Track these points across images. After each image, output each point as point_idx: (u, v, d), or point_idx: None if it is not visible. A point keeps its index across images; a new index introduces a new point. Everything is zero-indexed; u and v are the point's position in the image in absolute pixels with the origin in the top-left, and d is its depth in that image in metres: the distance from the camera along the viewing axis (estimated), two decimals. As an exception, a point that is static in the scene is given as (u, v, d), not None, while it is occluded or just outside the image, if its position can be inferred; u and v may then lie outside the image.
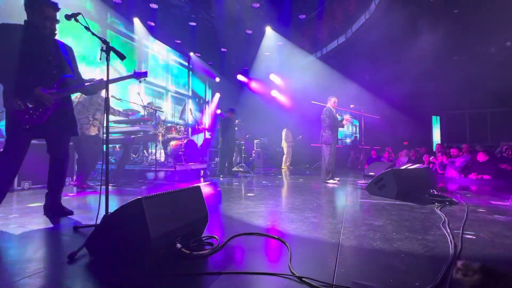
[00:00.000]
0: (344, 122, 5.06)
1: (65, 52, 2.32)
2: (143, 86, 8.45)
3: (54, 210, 2.33)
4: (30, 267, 1.31)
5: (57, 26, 2.23)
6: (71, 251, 1.41)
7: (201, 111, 11.63)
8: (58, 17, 2.21)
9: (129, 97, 6.92)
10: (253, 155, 9.53)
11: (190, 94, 10.85)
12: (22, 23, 2.13)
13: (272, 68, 10.95)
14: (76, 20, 1.92)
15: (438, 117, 11.34)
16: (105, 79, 1.94)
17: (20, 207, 2.69)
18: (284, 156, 9.30)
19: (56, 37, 2.29)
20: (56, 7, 2.16)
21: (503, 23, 6.81)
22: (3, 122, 2.12)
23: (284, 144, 9.36)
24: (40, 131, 2.16)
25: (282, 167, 9.12)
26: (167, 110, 8.85)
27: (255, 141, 9.85)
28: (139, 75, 2.29)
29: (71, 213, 2.36)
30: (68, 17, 1.92)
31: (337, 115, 5.09)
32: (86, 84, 2.35)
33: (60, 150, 2.31)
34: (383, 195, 3.32)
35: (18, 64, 2.00)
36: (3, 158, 2.06)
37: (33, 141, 2.21)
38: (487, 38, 7.74)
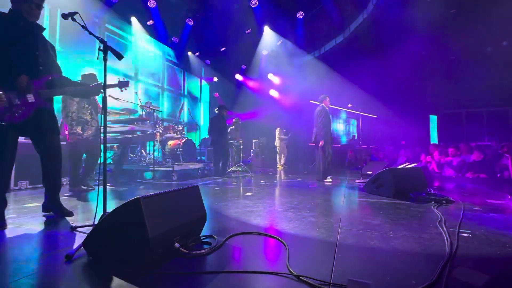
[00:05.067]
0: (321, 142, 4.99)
1: (51, 50, 2.27)
2: (141, 85, 8.43)
3: (53, 210, 2.31)
4: (27, 267, 1.31)
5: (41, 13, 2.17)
6: (69, 251, 1.41)
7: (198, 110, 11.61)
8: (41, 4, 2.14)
9: (126, 97, 6.89)
10: (251, 154, 9.54)
11: (185, 93, 10.83)
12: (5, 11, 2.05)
13: (270, 67, 10.96)
14: (73, 20, 1.91)
15: (435, 117, 11.41)
16: (102, 78, 1.93)
17: (17, 207, 2.68)
18: (277, 155, 9.31)
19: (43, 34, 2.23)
20: None
21: (501, 23, 6.85)
22: None
23: (277, 143, 9.38)
24: (24, 129, 2.09)
25: (278, 166, 9.15)
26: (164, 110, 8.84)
27: (253, 140, 9.85)
28: (122, 85, 2.29)
29: (70, 214, 2.33)
30: (65, 16, 1.91)
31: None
32: (73, 87, 2.28)
33: (48, 149, 2.23)
34: (380, 194, 3.34)
35: (3, 54, 1.92)
36: None
37: (29, 141, 2.19)
38: (484, 37, 7.78)
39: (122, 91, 2.35)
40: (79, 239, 1.72)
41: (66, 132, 3.65)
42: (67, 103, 3.62)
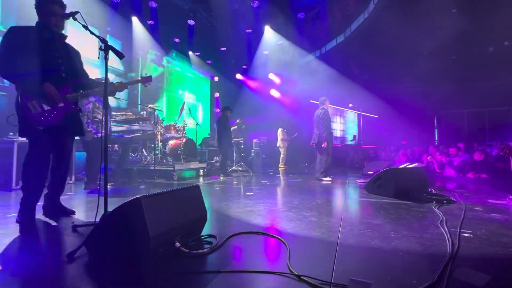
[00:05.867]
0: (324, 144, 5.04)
1: (74, 55, 2.34)
2: (141, 85, 8.42)
3: (54, 210, 2.33)
4: (28, 266, 1.31)
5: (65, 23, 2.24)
6: (70, 250, 1.41)
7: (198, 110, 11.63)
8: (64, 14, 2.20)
9: (127, 96, 6.90)
10: (252, 154, 9.54)
11: (186, 93, 10.83)
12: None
13: (271, 67, 10.95)
14: (75, 19, 1.92)
15: (436, 117, 11.39)
16: (109, 79, 1.95)
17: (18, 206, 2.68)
18: (281, 156, 9.32)
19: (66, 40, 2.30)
20: (61, 3, 2.15)
21: (502, 23, 6.83)
22: None
23: (280, 144, 9.38)
24: (54, 131, 2.16)
25: (279, 166, 9.16)
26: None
27: (254, 140, 9.85)
28: (145, 80, 2.43)
29: (72, 213, 2.36)
30: (66, 15, 1.92)
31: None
32: (96, 88, 2.37)
33: (66, 152, 2.34)
34: (381, 194, 3.34)
35: (30, 65, 2.01)
36: (32, 163, 2.07)
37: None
38: (485, 37, 7.76)
39: (146, 86, 2.45)
40: (80, 238, 1.73)
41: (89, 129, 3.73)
42: (83, 103, 3.68)
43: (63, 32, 2.26)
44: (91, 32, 1.91)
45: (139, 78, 2.44)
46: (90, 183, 3.77)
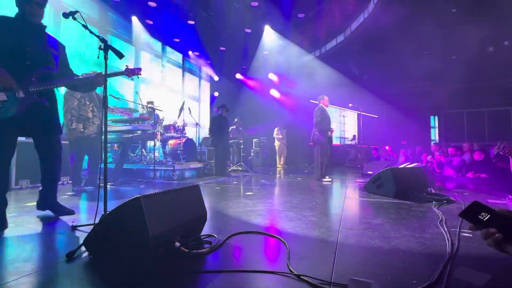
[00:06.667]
0: (330, 132, 5.10)
1: (54, 47, 2.21)
2: (142, 84, 8.43)
3: (51, 209, 2.30)
4: (28, 266, 1.31)
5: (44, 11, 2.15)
6: (69, 250, 1.41)
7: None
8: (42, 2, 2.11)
9: (127, 96, 6.89)
10: (252, 154, 9.54)
11: (186, 93, 10.82)
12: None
13: (271, 67, 10.95)
14: (74, 19, 1.91)
15: (436, 117, 11.38)
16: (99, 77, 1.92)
17: (18, 206, 2.69)
18: (277, 155, 9.31)
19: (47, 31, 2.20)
20: None
21: (502, 22, 6.83)
22: None
23: (276, 143, 9.39)
24: (24, 128, 2.06)
25: (277, 166, 9.17)
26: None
27: (254, 140, 9.85)
28: (132, 72, 2.09)
29: (72, 212, 2.34)
30: (65, 15, 1.90)
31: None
32: (74, 79, 2.19)
33: (46, 148, 2.21)
34: (381, 194, 3.34)
35: None
36: None
37: (29, 140, 2.16)
38: (486, 37, 7.76)
39: (132, 79, 2.19)
40: (79, 238, 1.73)
41: (73, 126, 3.62)
42: (67, 100, 3.59)
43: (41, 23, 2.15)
44: (91, 32, 1.90)
45: (123, 70, 2.07)
46: (75, 183, 3.68)
